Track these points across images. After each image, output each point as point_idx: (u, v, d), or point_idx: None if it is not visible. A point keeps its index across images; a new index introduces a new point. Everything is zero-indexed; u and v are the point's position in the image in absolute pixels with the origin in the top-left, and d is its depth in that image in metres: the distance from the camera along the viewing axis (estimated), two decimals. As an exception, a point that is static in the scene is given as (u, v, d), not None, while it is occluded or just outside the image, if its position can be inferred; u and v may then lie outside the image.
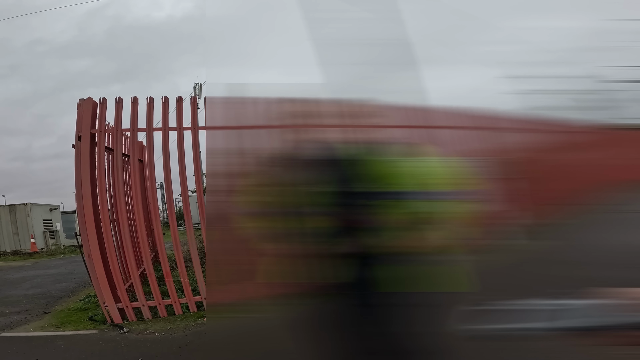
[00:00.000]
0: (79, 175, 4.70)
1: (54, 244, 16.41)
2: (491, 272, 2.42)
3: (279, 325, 2.06)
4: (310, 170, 1.83)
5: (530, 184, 6.32)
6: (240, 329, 2.89)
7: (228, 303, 2.70)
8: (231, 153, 3.60)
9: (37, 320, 5.24)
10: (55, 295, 6.75)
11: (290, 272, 1.80)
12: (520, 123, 7.93)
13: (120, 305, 4.80)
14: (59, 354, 3.92)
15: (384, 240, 1.71)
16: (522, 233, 5.19)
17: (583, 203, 7.29)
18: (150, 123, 4.93)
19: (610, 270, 3.64)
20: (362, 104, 2.16)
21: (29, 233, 15.61)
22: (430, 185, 1.77)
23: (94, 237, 4.67)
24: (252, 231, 1.91)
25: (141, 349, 3.91)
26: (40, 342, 4.29)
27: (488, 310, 0.77)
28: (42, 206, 17.11)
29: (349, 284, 1.75)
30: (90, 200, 4.68)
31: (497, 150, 6.63)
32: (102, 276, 4.70)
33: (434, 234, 1.78)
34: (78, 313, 5.38)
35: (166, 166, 4.91)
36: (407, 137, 2.22)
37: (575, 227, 6.11)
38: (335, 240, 1.73)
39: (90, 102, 4.82)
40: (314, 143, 1.95)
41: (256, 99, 4.51)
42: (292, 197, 1.80)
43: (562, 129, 9.00)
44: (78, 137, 4.73)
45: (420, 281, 1.73)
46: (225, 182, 2.51)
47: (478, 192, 1.86)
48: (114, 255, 4.83)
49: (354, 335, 1.85)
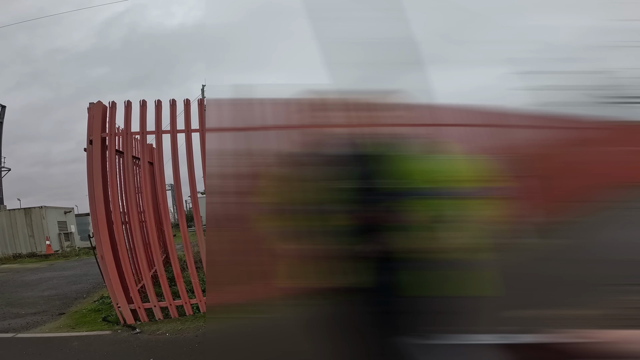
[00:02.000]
0: (91, 178, 4.77)
1: (68, 246, 16.70)
2: (508, 273, 2.39)
3: (294, 326, 2.04)
4: (331, 168, 1.80)
5: (542, 181, 6.23)
6: (253, 329, 2.89)
7: (240, 304, 2.70)
8: (243, 154, 3.62)
9: (53, 322, 5.34)
10: (70, 297, 6.87)
11: (310, 272, 1.77)
12: (531, 120, 7.82)
13: (133, 306, 4.86)
14: (73, 355, 3.99)
15: (407, 240, 1.67)
16: (534, 232, 5.12)
17: (595, 201, 7.16)
18: (159, 126, 4.98)
19: (624, 269, 3.57)
20: (382, 97, 2.09)
21: (44, 235, 15.90)
22: (454, 182, 1.72)
23: (107, 239, 4.74)
24: (271, 230, 1.89)
25: (153, 349, 3.95)
26: (56, 343, 4.36)
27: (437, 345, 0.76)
28: (56, 209, 17.43)
29: (368, 285, 1.70)
30: (103, 202, 4.75)
31: (507, 147, 6.55)
32: (115, 277, 4.77)
33: (458, 233, 1.73)
34: (92, 314, 5.47)
35: (175, 168, 4.96)
36: (428, 134, 2.16)
37: (588, 225, 6.00)
38: (356, 239, 1.70)
39: (100, 106, 4.89)
40: (335, 140, 1.92)
41: (263, 100, 4.54)
42: (312, 195, 1.77)
43: (574, 125, 8.84)
44: (89, 140, 4.80)
45: (444, 285, 1.68)
46: (237, 183, 2.50)
47: (502, 190, 1.81)
48: (126, 257, 4.89)
49: (371, 336, 1.81)
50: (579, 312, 3.17)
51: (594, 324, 2.76)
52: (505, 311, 1.78)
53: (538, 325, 1.48)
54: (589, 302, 3.28)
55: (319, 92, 2.00)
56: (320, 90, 2.01)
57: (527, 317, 2.67)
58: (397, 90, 2.02)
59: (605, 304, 3.19)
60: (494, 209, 1.76)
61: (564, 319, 3.14)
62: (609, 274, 2.62)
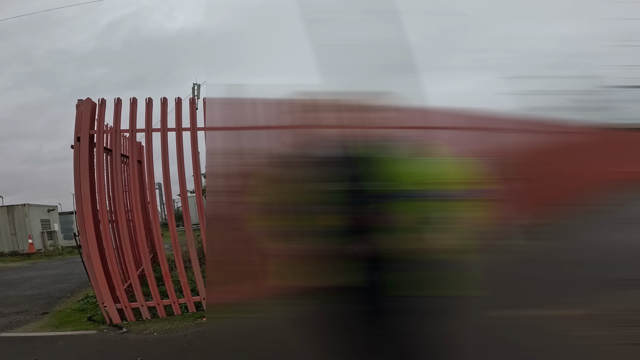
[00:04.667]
0: (78, 176, 4.70)
1: (51, 245, 16.37)
2: (494, 274, 2.42)
3: (283, 326, 2.05)
4: (321, 169, 1.81)
5: (528, 184, 6.34)
6: (242, 329, 2.89)
7: (231, 303, 2.70)
8: (235, 153, 3.61)
9: (36, 321, 5.23)
10: (54, 296, 6.74)
11: (299, 271, 1.78)
12: (518, 124, 7.95)
13: (119, 305, 4.81)
14: (58, 354, 3.92)
15: (396, 241, 1.69)
16: (520, 233, 5.21)
17: (581, 203, 7.32)
18: (149, 123, 4.93)
19: (608, 270, 3.67)
20: (372, 98, 2.10)
21: (27, 234, 15.57)
22: (443, 184, 1.75)
23: (93, 238, 4.67)
24: (261, 230, 1.89)
25: (140, 349, 3.91)
26: (40, 343, 4.28)
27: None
28: (40, 207, 17.08)
29: (357, 285, 1.72)
30: (89, 201, 4.69)
31: (495, 150, 6.65)
32: (101, 276, 4.70)
33: (446, 235, 1.75)
34: (77, 313, 5.38)
35: (165, 167, 4.92)
36: (418, 136, 2.18)
37: (572, 227, 6.13)
38: (345, 240, 1.71)
39: (89, 103, 4.83)
40: (324, 141, 1.93)
41: (255, 100, 4.54)
42: (302, 196, 1.78)
43: (559, 129, 9.02)
44: (77, 137, 4.73)
45: (431, 285, 1.70)
46: (227, 182, 2.50)
47: (490, 192, 1.84)
48: (113, 256, 4.83)
49: (361, 336, 1.83)
50: (564, 312, 3.24)
51: (578, 324, 2.83)
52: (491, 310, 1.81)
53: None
54: (574, 302, 3.36)
55: (310, 93, 2.02)
56: (311, 91, 2.02)
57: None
58: (388, 91, 2.04)
59: (589, 304, 3.27)
60: (481, 211, 1.79)
61: (549, 319, 3.22)
62: (595, 275, 2.69)
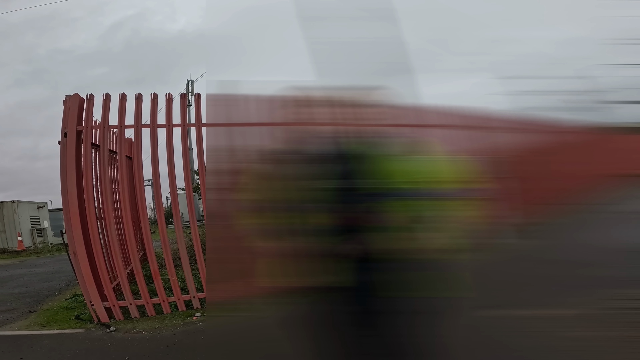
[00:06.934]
0: (64, 172, 4.61)
1: (41, 242, 16.18)
2: (485, 273, 2.41)
3: (275, 324, 2.02)
4: (312, 165, 1.78)
5: (521, 183, 6.36)
6: (235, 327, 2.85)
7: (226, 301, 2.67)
8: (226, 150, 3.56)
9: (23, 319, 5.15)
10: (42, 294, 6.65)
11: (289, 270, 1.76)
12: (511, 123, 7.97)
13: (107, 304, 4.73)
14: (44, 353, 3.85)
15: (388, 240, 1.66)
16: (512, 232, 5.22)
17: (572, 202, 7.37)
18: (139, 119, 4.85)
19: (599, 269, 3.67)
20: (366, 94, 2.06)
21: (16, 231, 15.37)
22: (436, 183, 1.72)
23: (80, 235, 4.59)
24: (252, 228, 1.86)
25: (128, 348, 3.85)
26: (26, 341, 4.21)
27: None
28: (29, 204, 16.85)
29: (348, 285, 1.69)
30: (76, 197, 4.60)
31: (488, 149, 6.66)
32: (88, 274, 4.62)
33: (439, 234, 1.72)
34: (64, 312, 5.30)
35: (154, 164, 4.84)
36: (411, 134, 2.15)
37: (564, 227, 6.16)
38: (336, 238, 1.68)
39: (77, 98, 4.73)
40: (317, 137, 1.89)
41: (248, 96, 4.48)
42: (293, 193, 1.75)
43: (551, 129, 9.07)
44: (64, 133, 4.64)
45: (422, 285, 1.67)
46: (221, 179, 2.46)
47: (482, 191, 1.82)
48: (101, 254, 4.75)
49: (351, 336, 1.80)
50: (555, 312, 3.24)
51: (569, 324, 2.83)
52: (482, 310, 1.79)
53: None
54: (565, 301, 3.36)
55: (302, 89, 1.98)
56: (303, 87, 1.98)
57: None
58: (381, 86, 2.01)
59: (581, 304, 3.27)
60: (473, 209, 1.77)
61: (541, 319, 3.21)
62: (586, 274, 2.68)
